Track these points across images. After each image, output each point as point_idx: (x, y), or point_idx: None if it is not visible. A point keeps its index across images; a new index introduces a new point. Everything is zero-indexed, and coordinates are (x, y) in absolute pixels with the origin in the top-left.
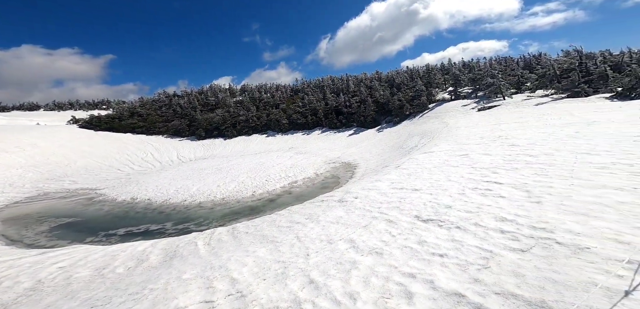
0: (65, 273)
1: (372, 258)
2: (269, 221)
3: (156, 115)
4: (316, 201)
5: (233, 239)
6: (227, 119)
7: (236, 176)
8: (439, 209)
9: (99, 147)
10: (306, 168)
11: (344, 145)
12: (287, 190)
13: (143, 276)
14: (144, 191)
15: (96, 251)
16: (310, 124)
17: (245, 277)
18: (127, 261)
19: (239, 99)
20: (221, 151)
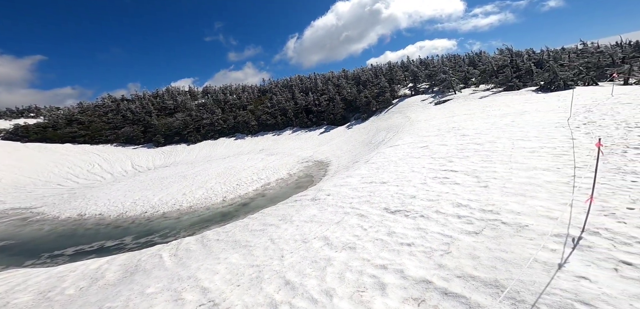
0: (2, 300)
1: (346, 253)
2: (241, 225)
3: (101, 122)
4: (289, 201)
5: (203, 248)
6: (189, 123)
7: (204, 182)
8: (405, 199)
9: (30, 161)
10: (279, 169)
11: (315, 143)
12: (260, 193)
13: (99, 295)
14: (94, 205)
15: (38, 273)
16: (281, 124)
17: (217, 285)
18: (78, 281)
19: (202, 101)
20: (185, 157)
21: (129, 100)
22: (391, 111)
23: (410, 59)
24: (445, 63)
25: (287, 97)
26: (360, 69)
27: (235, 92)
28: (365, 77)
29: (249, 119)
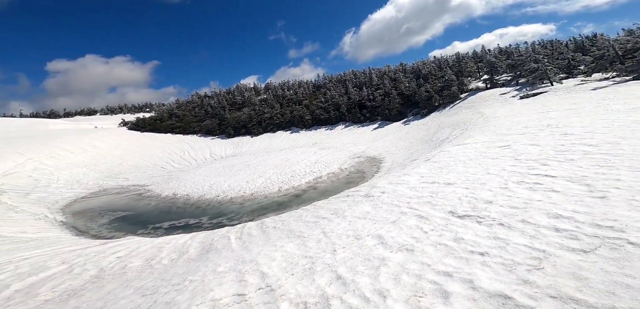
0: (121, 262)
1: (402, 254)
2: (295, 216)
3: (191, 115)
4: (341, 196)
5: (262, 234)
6: (253, 117)
7: (263, 172)
8: (477, 204)
9: (145, 147)
10: (330, 163)
11: (368, 139)
12: (312, 185)
13: (184, 268)
14: (183, 187)
15: (146, 243)
16: (333, 119)
17: (274, 271)
18: (170, 253)
19: (264, 97)
20: (249, 147)
21: (209, 96)
22: (459, 106)
23: (485, 48)
24: (537, 50)
25: (340, 92)
26: (421, 61)
27: (292, 88)
28: (427, 70)
29: (303, 113)
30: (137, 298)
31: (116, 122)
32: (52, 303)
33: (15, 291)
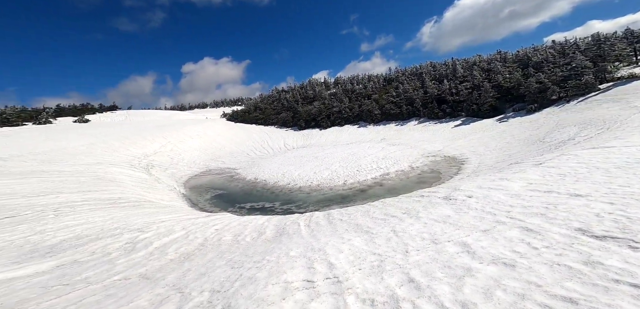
0: (218, 234)
1: (496, 268)
2: (362, 211)
3: (270, 109)
4: (414, 196)
5: (329, 225)
6: (322, 110)
7: (330, 164)
8: (630, 225)
9: (237, 136)
10: (400, 160)
11: (447, 137)
12: (378, 182)
13: (262, 247)
14: (262, 173)
15: (234, 220)
16: (405, 114)
17: (341, 263)
18: (252, 232)
19: (333, 91)
20: (317, 140)
21: (286, 91)
22: (595, 99)
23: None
24: None
25: (415, 86)
26: (532, 48)
27: (361, 82)
28: (539, 57)
29: (372, 108)
30: (228, 270)
31: (219, 114)
32: (174, 262)
33: (155, 248)
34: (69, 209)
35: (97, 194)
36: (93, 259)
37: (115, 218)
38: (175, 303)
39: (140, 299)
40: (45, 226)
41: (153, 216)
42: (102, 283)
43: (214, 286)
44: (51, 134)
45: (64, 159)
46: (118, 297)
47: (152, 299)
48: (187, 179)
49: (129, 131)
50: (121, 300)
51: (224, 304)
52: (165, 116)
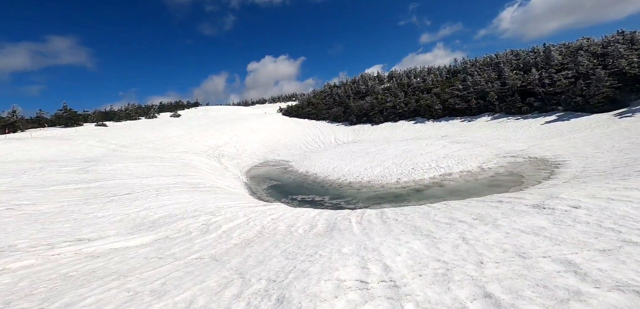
0: (274, 224)
1: (623, 296)
2: (420, 212)
3: (322, 104)
4: (488, 201)
5: (382, 223)
6: (375, 106)
7: (382, 161)
8: None
9: (291, 130)
10: (466, 160)
11: (533, 135)
12: (438, 182)
13: (314, 241)
14: (313, 166)
15: (287, 211)
16: (474, 109)
17: (398, 267)
18: (304, 225)
19: (387, 86)
20: (368, 136)
21: (337, 86)
22: None
23: None
24: None
25: (489, 77)
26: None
27: (419, 75)
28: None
29: (432, 102)
30: (283, 260)
31: (276, 108)
32: (238, 246)
33: (223, 231)
34: (165, 190)
35: (184, 179)
36: (179, 237)
37: (195, 201)
38: (237, 287)
39: (210, 280)
40: (150, 203)
41: (222, 201)
42: (183, 259)
43: (270, 275)
44: (155, 126)
45: (164, 147)
46: (194, 275)
47: (219, 281)
48: (248, 169)
49: (206, 125)
50: (196, 278)
51: (279, 295)
52: (232, 111)
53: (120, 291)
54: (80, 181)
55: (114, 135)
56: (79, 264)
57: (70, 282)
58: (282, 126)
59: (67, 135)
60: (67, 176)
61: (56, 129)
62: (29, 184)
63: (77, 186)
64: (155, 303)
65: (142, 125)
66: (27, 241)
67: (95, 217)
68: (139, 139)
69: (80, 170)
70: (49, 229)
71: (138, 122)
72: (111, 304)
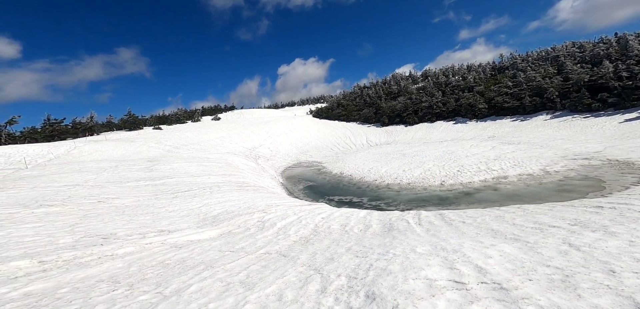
0: (326, 222)
1: None
2: (492, 215)
3: (352, 105)
4: (581, 206)
5: (447, 226)
6: (408, 106)
7: (421, 162)
8: None
9: (321, 132)
10: (523, 162)
11: (610, 135)
12: (491, 185)
13: (377, 241)
14: (347, 167)
15: (334, 210)
16: (528, 107)
17: (496, 269)
18: (357, 224)
19: (422, 85)
20: (402, 137)
21: (368, 87)
22: None
23: None
24: None
25: (546, 73)
26: None
27: (458, 73)
28: None
29: (475, 101)
30: (353, 257)
31: (305, 111)
32: (298, 243)
33: (279, 228)
34: (217, 188)
35: (230, 178)
36: (240, 232)
37: (244, 199)
38: (319, 282)
39: (289, 275)
40: (208, 200)
41: (269, 200)
42: (254, 254)
43: (347, 272)
44: (200, 129)
45: (208, 148)
46: (271, 269)
47: (298, 275)
48: (283, 170)
49: (243, 127)
50: (275, 272)
51: (367, 291)
52: (265, 114)
53: (214, 281)
54: (147, 179)
55: (168, 137)
56: (170, 253)
57: (169, 269)
58: (313, 127)
59: (131, 137)
60: (136, 173)
61: (122, 132)
62: (110, 180)
63: (147, 183)
64: (249, 294)
65: (189, 128)
66: (123, 230)
67: (167, 211)
68: (188, 141)
69: (146, 169)
70: (136, 221)
71: (185, 126)
72: (212, 293)
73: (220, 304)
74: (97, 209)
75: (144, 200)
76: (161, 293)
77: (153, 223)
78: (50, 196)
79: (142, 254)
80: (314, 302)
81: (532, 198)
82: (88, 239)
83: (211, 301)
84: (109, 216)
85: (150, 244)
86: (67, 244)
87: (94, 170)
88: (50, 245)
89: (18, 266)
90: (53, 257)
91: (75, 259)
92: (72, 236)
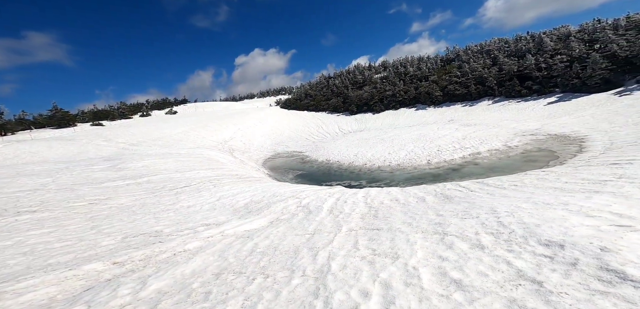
0: (368, 200)
1: None
2: (510, 181)
3: (320, 95)
4: (572, 168)
5: (488, 193)
6: (374, 95)
7: (402, 145)
8: None
9: (292, 122)
10: (487, 140)
11: (541, 115)
12: (471, 161)
13: (445, 206)
14: (331, 154)
15: (359, 191)
16: (474, 94)
17: (579, 232)
18: (407, 198)
19: (384, 75)
20: (372, 124)
21: (332, 77)
22: None
23: None
24: None
25: (485, 64)
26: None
27: (414, 64)
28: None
29: (432, 89)
30: (459, 220)
31: (267, 103)
32: (369, 216)
33: (328, 210)
34: (217, 181)
35: (220, 171)
36: (289, 218)
37: (257, 189)
38: (491, 238)
39: (416, 245)
40: (220, 193)
41: (281, 189)
42: (339, 233)
43: (474, 229)
44: (156, 124)
45: (173, 144)
46: (391, 239)
47: (432, 246)
48: (263, 161)
49: (208, 120)
50: (398, 241)
51: (524, 232)
52: (223, 107)
53: (354, 259)
54: (126, 178)
55: (117, 134)
56: (249, 243)
57: (278, 255)
58: (284, 118)
59: (66, 136)
60: (104, 174)
61: (48, 130)
62: (78, 182)
63: (127, 182)
64: (390, 264)
65: (141, 123)
66: (163, 228)
67: (184, 207)
68: (146, 137)
69: (111, 168)
70: (164, 218)
71: (133, 121)
72: (363, 271)
73: (391, 274)
74: (97, 212)
75: (143, 199)
76: (304, 273)
77: (186, 219)
78: (22, 203)
79: (218, 246)
80: (495, 256)
81: (508, 169)
82: (135, 238)
83: (374, 274)
84: (119, 217)
85: (212, 238)
86: (117, 246)
87: (42, 173)
88: (98, 247)
89: (94, 268)
90: (123, 257)
91: (153, 257)
92: (110, 238)
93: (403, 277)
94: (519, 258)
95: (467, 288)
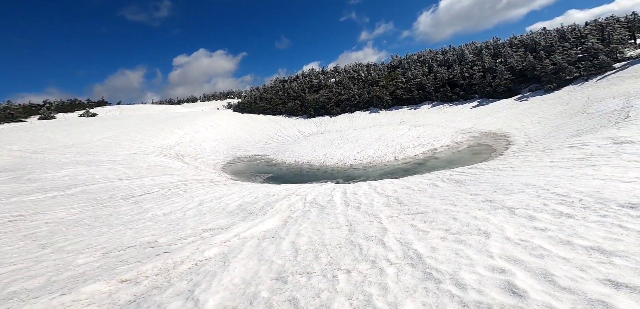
0: (380, 191)
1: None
2: (492, 171)
3: (276, 98)
4: (513, 158)
5: (494, 176)
6: (331, 98)
7: (368, 145)
8: None
9: (247, 126)
10: (438, 138)
11: (469, 116)
12: (431, 156)
13: (460, 189)
14: (299, 156)
15: (361, 185)
16: (417, 98)
17: None
18: (417, 186)
19: (339, 79)
20: (331, 126)
21: (286, 80)
22: (615, 76)
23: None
24: None
25: (423, 72)
26: (529, 35)
27: (365, 70)
28: (548, 41)
29: (383, 94)
30: (473, 197)
31: (213, 107)
32: (394, 202)
33: (341, 204)
34: (186, 186)
35: (179, 177)
36: (302, 214)
37: (241, 191)
38: (489, 210)
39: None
40: (198, 198)
41: (271, 189)
42: (377, 222)
43: (535, 202)
44: (69, 128)
45: (97, 151)
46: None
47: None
48: (222, 166)
49: (144, 124)
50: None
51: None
52: (160, 110)
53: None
54: (45, 190)
55: (10, 140)
56: (283, 241)
57: (331, 249)
58: (238, 122)
59: None
60: (8, 187)
61: None
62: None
63: (51, 194)
64: (485, 239)
65: (42, 127)
66: (163, 237)
67: (160, 216)
68: (54, 144)
69: (17, 179)
70: (149, 230)
71: (30, 124)
72: (440, 249)
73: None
74: (31, 229)
75: (90, 211)
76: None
77: (176, 227)
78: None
79: (246, 250)
80: (533, 227)
81: (461, 162)
82: (124, 252)
83: None
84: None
85: (229, 243)
86: (106, 263)
87: None
88: (76, 267)
89: (98, 289)
90: (130, 273)
91: (170, 270)
92: (85, 256)
93: (524, 250)
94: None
95: (621, 254)
